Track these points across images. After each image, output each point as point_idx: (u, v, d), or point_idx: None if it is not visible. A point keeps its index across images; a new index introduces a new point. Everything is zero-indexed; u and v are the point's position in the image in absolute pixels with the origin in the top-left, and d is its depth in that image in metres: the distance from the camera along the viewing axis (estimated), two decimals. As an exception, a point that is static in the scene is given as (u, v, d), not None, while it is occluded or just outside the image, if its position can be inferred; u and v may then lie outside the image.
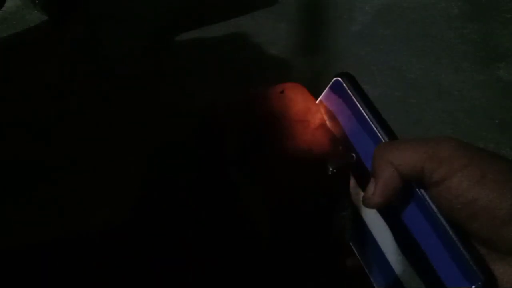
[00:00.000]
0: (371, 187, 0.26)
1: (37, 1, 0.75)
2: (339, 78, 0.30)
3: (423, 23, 0.79)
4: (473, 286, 0.22)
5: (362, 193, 0.27)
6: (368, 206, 0.26)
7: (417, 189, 0.25)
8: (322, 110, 0.30)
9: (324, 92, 0.31)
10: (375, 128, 0.28)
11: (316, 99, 0.31)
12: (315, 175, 0.28)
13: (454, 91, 0.71)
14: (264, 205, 0.27)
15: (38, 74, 0.69)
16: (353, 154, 0.29)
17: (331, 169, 0.28)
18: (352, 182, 0.29)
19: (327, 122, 0.31)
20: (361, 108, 0.28)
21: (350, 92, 0.29)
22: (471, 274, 0.23)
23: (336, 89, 0.30)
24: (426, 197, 0.25)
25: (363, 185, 0.27)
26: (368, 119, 0.28)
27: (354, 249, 0.27)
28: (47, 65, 0.70)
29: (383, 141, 0.27)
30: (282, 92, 0.29)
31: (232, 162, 0.27)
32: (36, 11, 0.77)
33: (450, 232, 0.24)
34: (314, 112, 0.29)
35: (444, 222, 0.24)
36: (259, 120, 0.29)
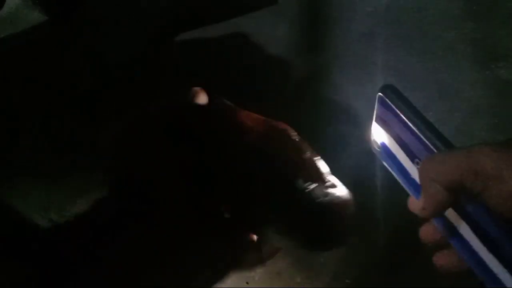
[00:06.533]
0: (421, 202, 0.27)
1: (37, 1, 0.75)
2: (381, 94, 0.31)
3: (423, 23, 0.79)
4: None
5: None
6: (424, 218, 0.28)
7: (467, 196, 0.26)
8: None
9: (376, 108, 0.33)
10: (424, 139, 0.29)
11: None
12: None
13: (454, 91, 0.71)
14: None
15: (38, 74, 0.69)
16: None
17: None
18: None
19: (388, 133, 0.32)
20: (406, 120, 0.29)
21: (393, 106, 0.30)
22: None
23: (383, 104, 0.31)
24: (477, 203, 0.25)
25: None
26: (416, 130, 0.29)
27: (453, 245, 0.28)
28: (47, 65, 0.70)
29: (434, 150, 0.28)
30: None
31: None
32: (36, 11, 0.77)
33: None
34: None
35: (502, 223, 0.25)
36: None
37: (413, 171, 0.30)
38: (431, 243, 0.29)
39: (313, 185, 0.29)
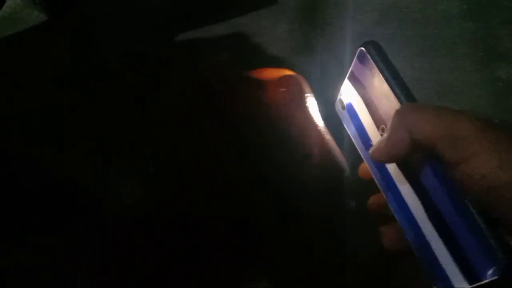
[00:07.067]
0: (379, 143, 0.25)
1: (37, 1, 0.75)
2: (363, 48, 0.29)
3: (423, 23, 0.79)
4: (493, 268, 0.22)
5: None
6: (372, 157, 0.26)
7: (434, 160, 0.24)
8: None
9: (353, 64, 0.31)
10: (398, 97, 0.27)
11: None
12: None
13: (454, 91, 0.71)
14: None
15: (38, 73, 0.69)
16: None
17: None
18: None
19: (358, 94, 0.30)
20: (384, 80, 0.28)
21: (373, 63, 0.29)
22: (491, 253, 0.22)
23: (362, 60, 0.30)
24: (443, 171, 0.24)
25: None
26: (393, 92, 0.27)
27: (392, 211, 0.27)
28: (46, 65, 0.70)
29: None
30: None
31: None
32: (36, 11, 0.77)
33: (469, 209, 0.23)
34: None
35: (460, 199, 0.23)
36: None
37: (376, 138, 0.29)
38: (378, 217, 0.28)
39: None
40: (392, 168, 0.27)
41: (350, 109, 0.31)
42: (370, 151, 0.26)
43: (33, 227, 0.47)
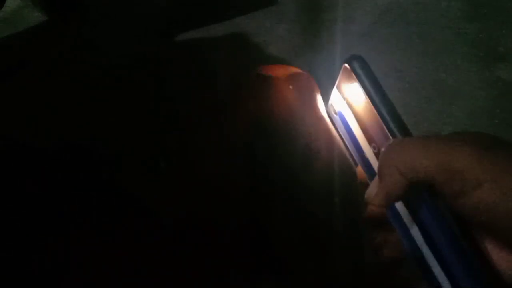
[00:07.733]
0: (373, 188, 0.24)
1: (37, 1, 0.75)
2: (347, 65, 0.27)
3: (423, 23, 0.79)
4: None
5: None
6: (370, 204, 0.24)
7: (426, 192, 0.23)
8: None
9: (339, 77, 0.29)
10: (385, 121, 0.25)
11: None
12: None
13: (454, 92, 0.71)
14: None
15: (38, 74, 0.69)
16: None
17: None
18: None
19: (345, 113, 0.29)
20: (369, 99, 0.26)
21: (358, 82, 0.26)
22: (474, 277, 0.22)
23: (347, 76, 0.27)
24: (436, 202, 0.23)
25: None
26: (378, 110, 0.25)
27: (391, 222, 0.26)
28: (46, 65, 0.70)
29: (397, 134, 0.24)
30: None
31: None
32: (36, 11, 0.77)
33: (459, 241, 0.22)
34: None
35: (450, 232, 0.23)
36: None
37: (368, 152, 0.27)
38: (376, 224, 0.27)
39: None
40: None
41: (342, 116, 0.30)
42: (366, 197, 0.24)
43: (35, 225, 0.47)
